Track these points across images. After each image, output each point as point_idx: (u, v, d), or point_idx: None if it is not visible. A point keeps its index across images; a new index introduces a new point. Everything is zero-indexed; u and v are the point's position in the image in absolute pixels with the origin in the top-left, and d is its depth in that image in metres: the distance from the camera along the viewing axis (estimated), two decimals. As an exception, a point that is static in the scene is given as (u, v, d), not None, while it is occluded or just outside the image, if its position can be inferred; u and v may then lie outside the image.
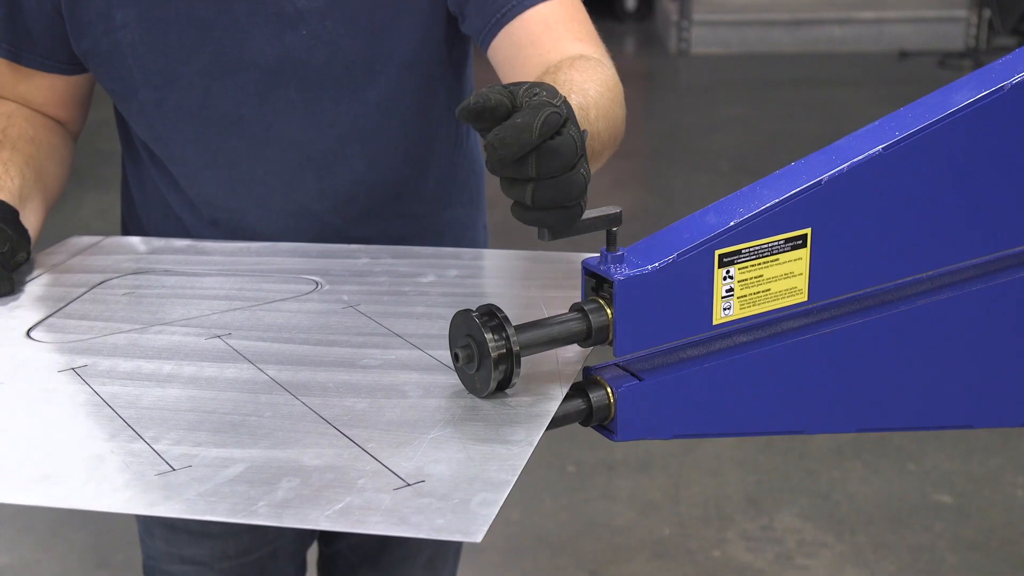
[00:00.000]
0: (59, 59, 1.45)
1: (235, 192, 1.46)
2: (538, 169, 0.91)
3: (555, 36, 1.37)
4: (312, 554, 1.87)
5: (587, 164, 0.95)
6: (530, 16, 1.37)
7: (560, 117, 0.91)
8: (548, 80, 1.25)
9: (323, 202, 1.46)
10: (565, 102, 0.93)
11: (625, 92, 1.34)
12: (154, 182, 1.53)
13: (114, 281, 1.34)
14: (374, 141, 1.45)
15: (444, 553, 1.81)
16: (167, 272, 1.37)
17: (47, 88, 1.49)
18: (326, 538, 1.84)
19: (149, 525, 1.63)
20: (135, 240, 1.50)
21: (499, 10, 1.37)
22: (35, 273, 1.36)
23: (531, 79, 1.31)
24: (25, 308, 1.27)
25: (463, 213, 1.62)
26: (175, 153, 1.46)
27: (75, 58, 1.45)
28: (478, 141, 1.64)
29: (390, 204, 1.51)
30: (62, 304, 1.27)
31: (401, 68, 1.42)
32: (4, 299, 1.28)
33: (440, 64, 1.46)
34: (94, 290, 1.31)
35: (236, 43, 1.37)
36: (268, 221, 1.46)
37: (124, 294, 1.30)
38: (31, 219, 1.38)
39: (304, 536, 1.74)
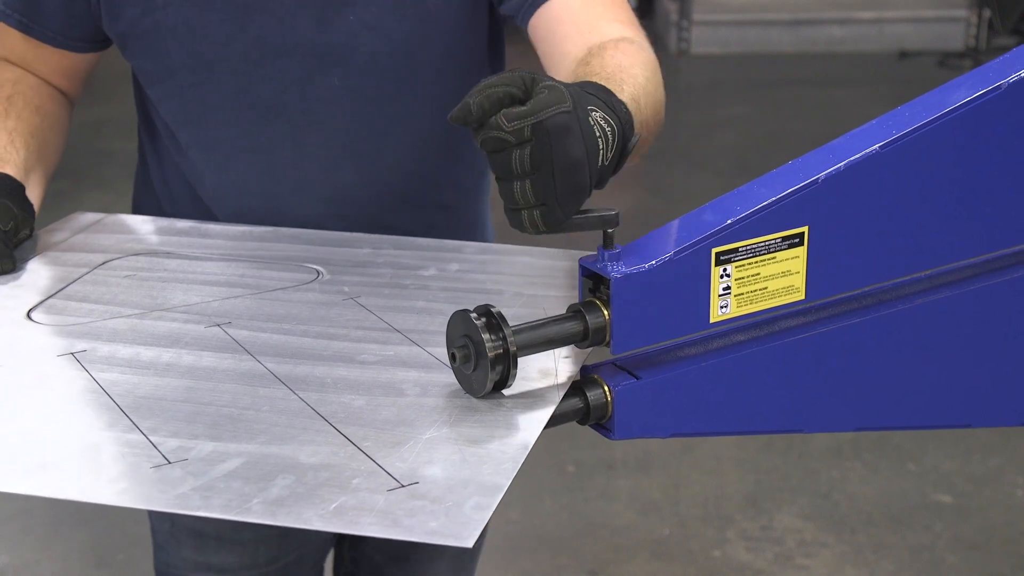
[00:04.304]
0: (71, 36, 1.45)
1: (272, 178, 1.45)
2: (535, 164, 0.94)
3: (594, 14, 1.36)
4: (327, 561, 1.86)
5: (594, 170, 0.97)
6: None
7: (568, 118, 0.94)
8: (595, 63, 1.24)
9: (361, 189, 1.45)
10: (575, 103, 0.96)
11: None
12: (179, 171, 1.51)
13: (116, 262, 1.34)
14: (415, 130, 1.45)
15: (470, 549, 1.81)
16: (169, 255, 1.36)
17: (55, 61, 1.48)
18: (352, 541, 1.82)
19: (176, 533, 1.60)
20: (138, 219, 1.49)
21: None
22: (38, 250, 1.36)
23: (571, 58, 1.31)
24: (26, 288, 1.27)
25: (488, 207, 1.62)
26: (210, 137, 1.45)
27: (88, 36, 1.45)
28: None
29: (427, 193, 1.50)
30: (63, 285, 1.27)
31: (444, 55, 1.42)
32: (5, 277, 1.28)
33: (481, 51, 1.46)
34: (95, 271, 1.31)
35: (280, 28, 1.36)
36: (304, 207, 1.45)
37: (125, 276, 1.30)
38: (34, 192, 1.37)
39: (327, 542, 1.73)
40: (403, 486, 0.88)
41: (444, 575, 1.81)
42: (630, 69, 1.23)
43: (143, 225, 1.46)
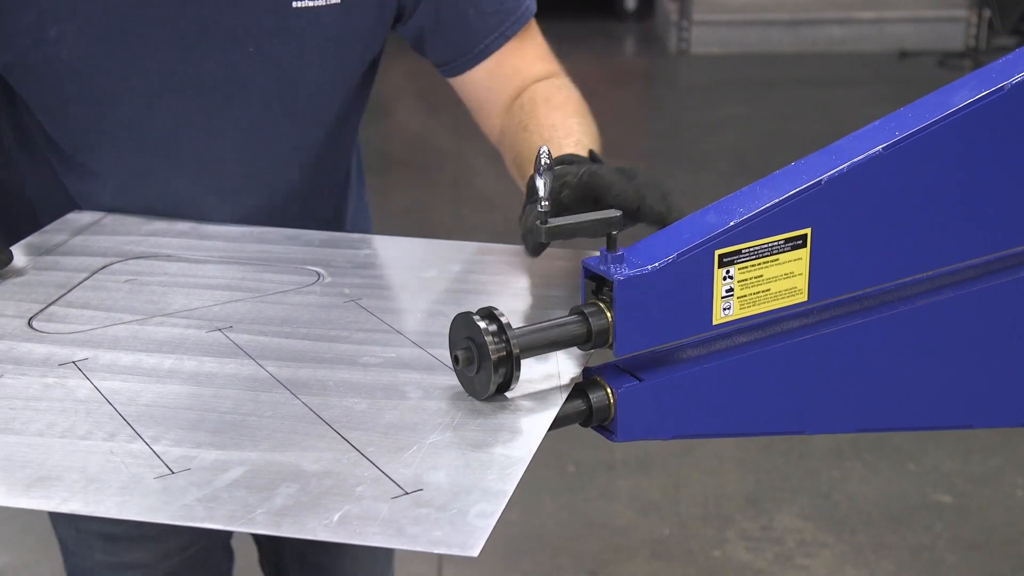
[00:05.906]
0: None
1: (170, 207, 1.45)
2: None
3: (523, 60, 1.49)
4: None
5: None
6: (506, 46, 1.47)
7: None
8: (546, 130, 1.38)
9: (261, 213, 1.47)
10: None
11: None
12: (65, 189, 1.48)
13: (116, 266, 1.33)
14: (306, 153, 1.47)
15: None
16: (169, 258, 1.36)
17: None
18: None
19: (84, 537, 1.59)
20: (137, 219, 1.48)
21: (476, 46, 1.46)
22: (37, 253, 1.35)
23: (504, 103, 1.48)
24: (27, 295, 1.26)
25: (365, 225, 1.70)
26: (108, 165, 1.43)
27: None
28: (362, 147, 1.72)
29: (310, 209, 1.53)
30: (64, 291, 1.26)
31: (332, 83, 1.43)
32: (6, 284, 1.27)
33: (366, 72, 1.49)
34: (96, 276, 1.31)
35: (181, 61, 1.35)
36: None
37: (125, 281, 1.29)
38: None
39: None
40: (407, 493, 0.87)
41: (368, 553, 1.80)
42: (574, 127, 1.38)
43: (141, 225, 1.46)
